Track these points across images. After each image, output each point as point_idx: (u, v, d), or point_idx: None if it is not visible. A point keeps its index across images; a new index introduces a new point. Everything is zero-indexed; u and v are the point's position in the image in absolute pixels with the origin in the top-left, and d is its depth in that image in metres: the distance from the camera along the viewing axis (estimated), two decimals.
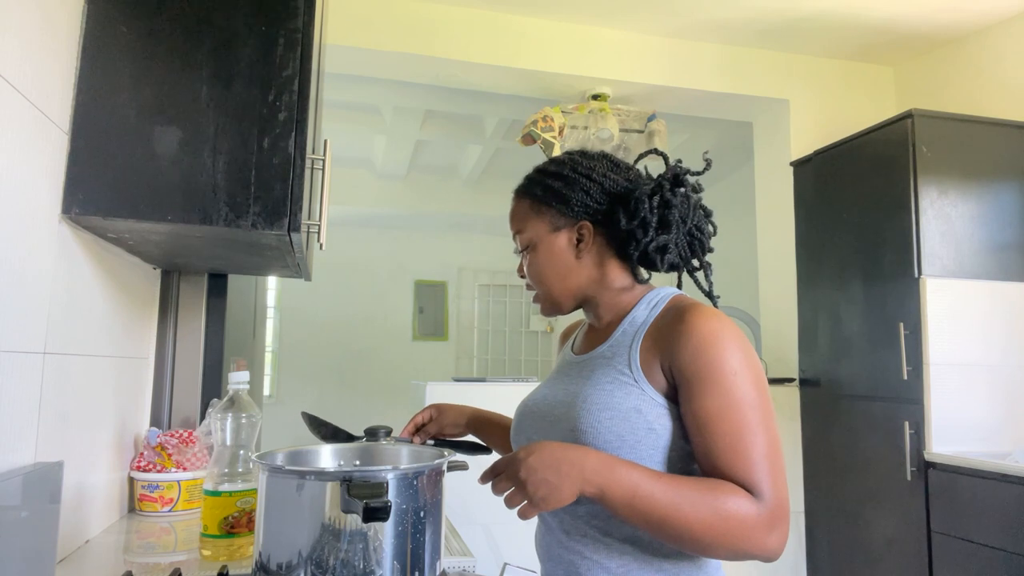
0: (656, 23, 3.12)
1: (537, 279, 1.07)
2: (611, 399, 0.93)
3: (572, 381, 1.02)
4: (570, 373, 1.05)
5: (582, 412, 0.94)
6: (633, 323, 1.00)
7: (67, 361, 1.11)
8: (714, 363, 0.88)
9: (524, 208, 1.07)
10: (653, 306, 1.01)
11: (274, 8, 1.16)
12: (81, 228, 1.14)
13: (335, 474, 0.81)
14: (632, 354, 0.96)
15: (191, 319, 1.73)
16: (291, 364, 5.64)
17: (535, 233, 1.05)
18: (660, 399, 0.92)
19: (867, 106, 3.41)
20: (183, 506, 1.45)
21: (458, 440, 1.24)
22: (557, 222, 1.04)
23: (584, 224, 1.03)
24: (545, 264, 1.05)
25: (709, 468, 0.87)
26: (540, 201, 1.05)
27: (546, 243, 1.04)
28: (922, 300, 2.48)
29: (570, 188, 1.03)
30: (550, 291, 1.06)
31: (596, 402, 0.94)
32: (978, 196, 2.59)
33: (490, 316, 6.13)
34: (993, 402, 2.52)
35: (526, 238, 1.07)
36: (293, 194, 1.12)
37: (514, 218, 1.09)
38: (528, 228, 1.06)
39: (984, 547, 2.19)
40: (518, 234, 1.08)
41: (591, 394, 0.95)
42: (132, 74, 1.10)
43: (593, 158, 1.07)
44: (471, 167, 4.97)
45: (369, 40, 2.90)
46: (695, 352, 0.89)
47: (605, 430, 0.91)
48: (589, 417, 0.93)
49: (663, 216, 0.99)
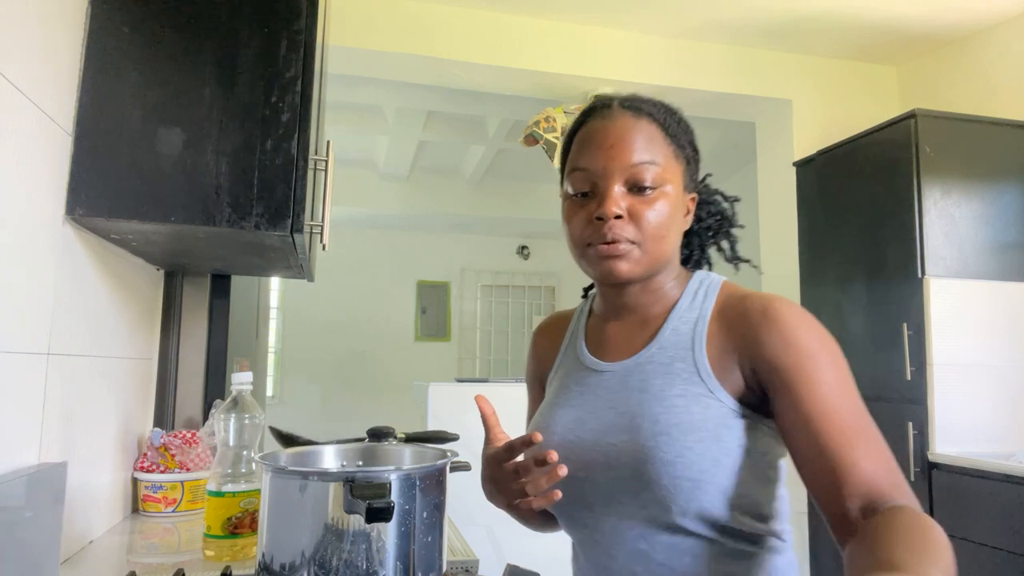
0: (658, 23, 3.12)
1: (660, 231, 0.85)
2: (690, 416, 0.78)
3: (617, 397, 0.85)
4: (606, 387, 0.87)
5: (659, 437, 0.78)
6: (684, 319, 0.86)
7: (71, 362, 1.12)
8: (814, 350, 0.77)
9: (660, 140, 0.87)
10: (704, 296, 0.87)
11: (277, 9, 1.16)
12: (85, 229, 1.14)
13: (338, 475, 0.81)
14: (698, 356, 0.82)
15: (194, 320, 1.73)
16: (294, 365, 5.65)
17: (675, 179, 0.87)
18: (741, 409, 0.79)
19: (870, 106, 3.40)
20: (186, 507, 1.45)
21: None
22: (686, 180, 0.90)
23: (695, 197, 0.93)
24: (671, 220, 0.86)
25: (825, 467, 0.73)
26: (679, 145, 0.89)
27: (679, 197, 0.87)
28: (926, 300, 2.48)
29: (698, 157, 0.93)
30: (661, 252, 0.86)
31: (673, 422, 0.78)
32: (982, 196, 2.58)
33: (492, 317, 6.13)
34: (997, 403, 2.51)
35: (662, 175, 0.85)
36: (296, 195, 1.12)
37: (650, 145, 0.85)
38: (665, 165, 0.86)
39: (987, 548, 2.18)
40: (650, 164, 0.84)
41: (660, 413, 0.79)
42: (135, 75, 1.11)
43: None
44: (473, 168, 4.97)
45: (371, 41, 2.90)
46: (788, 340, 0.77)
47: (697, 457, 0.76)
48: (673, 444, 0.77)
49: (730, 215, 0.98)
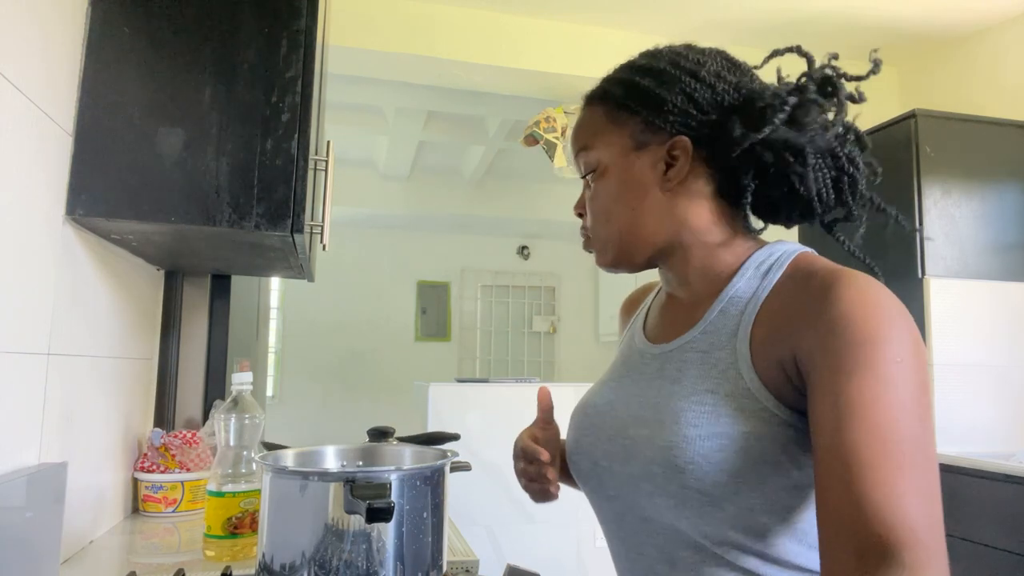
0: (658, 23, 3.12)
1: (602, 216, 0.77)
2: (716, 419, 0.66)
3: (651, 385, 0.75)
4: (645, 371, 0.77)
5: (679, 440, 0.67)
6: (736, 298, 0.71)
7: (71, 362, 1.12)
8: (869, 340, 0.58)
9: (597, 118, 0.78)
10: (767, 271, 0.71)
11: (277, 9, 1.16)
12: (85, 229, 1.14)
13: (338, 475, 0.81)
14: (739, 346, 0.68)
15: (194, 320, 1.73)
16: (294, 365, 5.65)
17: (608, 151, 0.76)
18: (786, 414, 0.64)
19: (870, 106, 3.37)
20: (187, 507, 1.45)
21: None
22: (643, 136, 0.74)
23: (680, 140, 0.73)
24: (617, 194, 0.75)
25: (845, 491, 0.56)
26: (620, 106, 0.75)
27: (622, 165, 0.75)
28: (926, 300, 2.47)
29: (666, 88, 0.73)
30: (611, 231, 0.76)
31: (695, 424, 0.66)
32: (982, 196, 2.58)
33: (493, 317, 6.13)
34: (997, 403, 2.51)
35: (593, 158, 0.77)
36: (296, 195, 1.12)
37: (580, 132, 0.79)
38: (598, 144, 0.77)
39: (988, 548, 2.18)
40: (582, 152, 0.79)
41: (685, 411, 0.68)
42: (136, 75, 1.11)
43: (702, 52, 0.76)
44: (474, 168, 4.97)
45: (372, 41, 2.90)
46: (842, 325, 0.60)
47: (714, 468, 0.64)
48: (689, 448, 0.66)
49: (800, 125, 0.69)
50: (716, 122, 0.72)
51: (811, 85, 0.70)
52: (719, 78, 0.73)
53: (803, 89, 0.70)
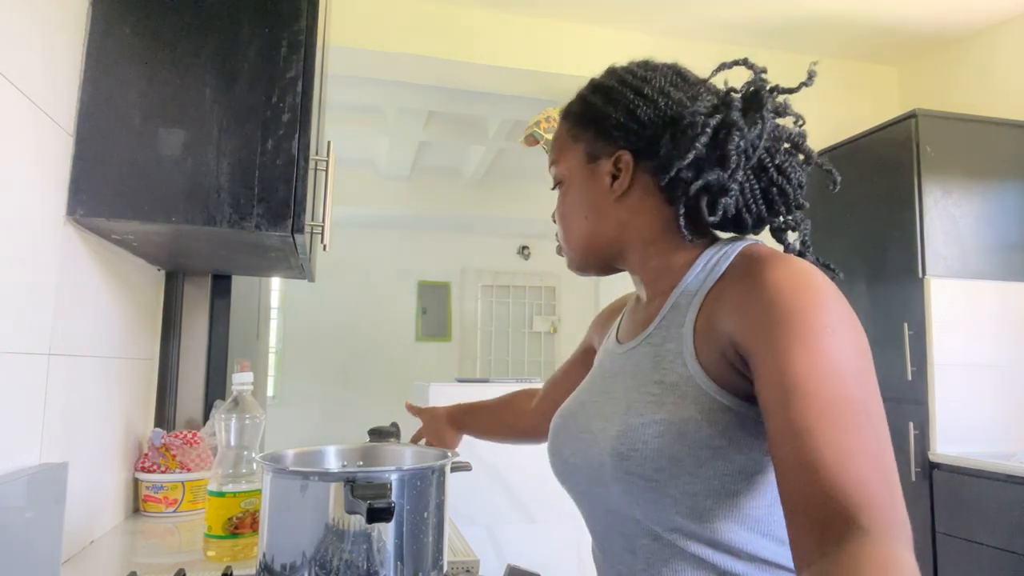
0: (658, 23, 3.12)
1: (564, 224, 0.85)
2: (659, 407, 0.69)
3: (614, 381, 0.80)
4: (612, 370, 0.82)
5: (625, 429, 0.70)
6: (687, 292, 0.75)
7: (72, 362, 1.12)
8: (797, 314, 0.60)
9: (562, 133, 0.86)
10: (714, 264, 0.74)
11: (277, 10, 1.16)
12: (86, 230, 1.14)
13: (339, 475, 0.81)
14: (684, 335, 0.71)
15: (195, 320, 1.74)
16: (295, 365, 5.65)
17: (566, 165, 0.84)
18: (728, 399, 0.66)
19: (870, 106, 3.40)
20: (187, 507, 1.45)
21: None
22: (594, 150, 0.81)
23: (622, 155, 0.78)
24: (574, 204, 0.83)
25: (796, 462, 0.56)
26: (576, 122, 0.83)
27: (579, 177, 0.82)
28: (926, 300, 2.48)
29: (611, 105, 0.79)
30: (571, 238, 0.84)
31: (641, 413, 0.70)
32: (982, 196, 2.58)
33: (493, 317, 6.14)
34: (998, 402, 2.51)
35: (557, 171, 0.85)
36: (296, 195, 1.12)
37: (552, 146, 0.87)
38: (560, 159, 0.85)
39: (989, 548, 2.18)
40: (552, 166, 0.87)
41: (635, 401, 0.72)
42: (136, 76, 1.11)
43: (653, 68, 0.80)
44: (474, 168, 4.97)
45: (372, 41, 2.90)
46: (770, 303, 0.62)
47: (654, 453, 0.67)
48: (632, 435, 0.69)
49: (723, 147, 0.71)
50: (656, 136, 0.77)
51: (734, 99, 0.74)
52: (663, 94, 0.77)
53: (728, 104, 0.74)
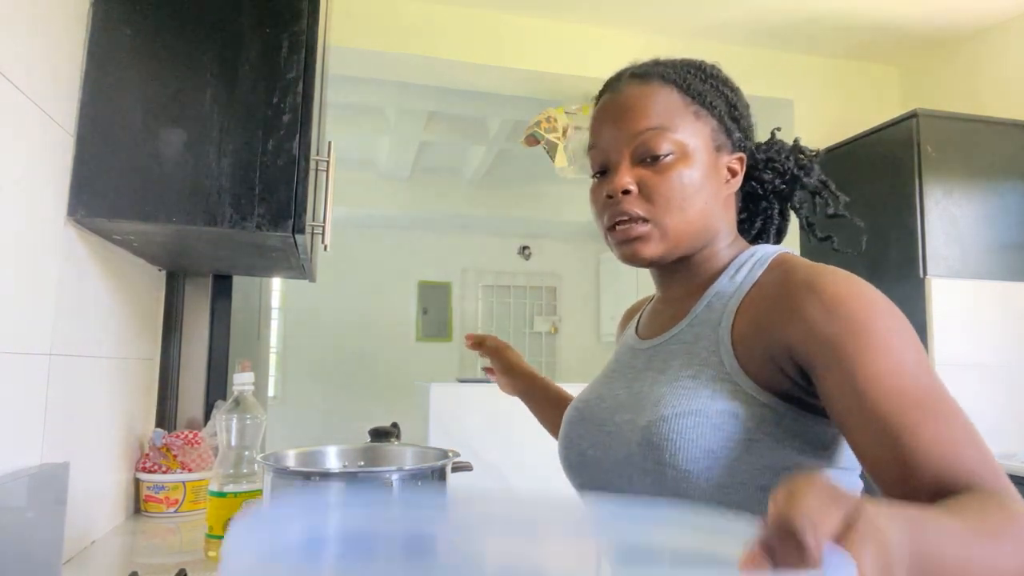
0: (659, 23, 3.12)
1: (676, 198, 0.76)
2: (694, 400, 0.70)
3: (639, 376, 0.79)
4: (635, 365, 0.82)
5: (656, 420, 0.71)
6: (721, 293, 0.77)
7: (73, 362, 1.12)
8: (859, 319, 0.63)
9: (674, 101, 0.79)
10: (749, 269, 0.77)
11: (278, 10, 1.16)
12: (87, 230, 1.14)
13: (340, 475, 0.81)
14: (721, 334, 0.73)
15: (196, 320, 1.74)
16: (295, 365, 5.65)
17: (694, 140, 0.78)
18: (765, 397, 0.68)
19: (871, 106, 3.40)
20: (188, 507, 1.45)
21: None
22: (720, 140, 0.81)
23: (744, 157, 0.83)
24: (700, 185, 0.77)
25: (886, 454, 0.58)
26: (704, 104, 0.80)
27: (705, 160, 0.78)
28: (927, 300, 2.47)
29: (741, 113, 0.83)
30: (686, 222, 0.77)
31: (674, 405, 0.70)
32: (983, 196, 2.58)
33: (494, 317, 6.13)
34: (999, 402, 2.51)
35: (675, 140, 0.77)
36: (297, 196, 1.12)
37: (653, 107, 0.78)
38: (681, 128, 0.78)
39: None
40: (658, 130, 0.77)
41: (666, 394, 0.72)
42: (137, 76, 1.11)
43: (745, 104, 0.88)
44: (475, 168, 4.97)
45: (373, 42, 2.90)
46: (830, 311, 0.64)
47: (689, 444, 0.68)
48: (664, 426, 0.69)
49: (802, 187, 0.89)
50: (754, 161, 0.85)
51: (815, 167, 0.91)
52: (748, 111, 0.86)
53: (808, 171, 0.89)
